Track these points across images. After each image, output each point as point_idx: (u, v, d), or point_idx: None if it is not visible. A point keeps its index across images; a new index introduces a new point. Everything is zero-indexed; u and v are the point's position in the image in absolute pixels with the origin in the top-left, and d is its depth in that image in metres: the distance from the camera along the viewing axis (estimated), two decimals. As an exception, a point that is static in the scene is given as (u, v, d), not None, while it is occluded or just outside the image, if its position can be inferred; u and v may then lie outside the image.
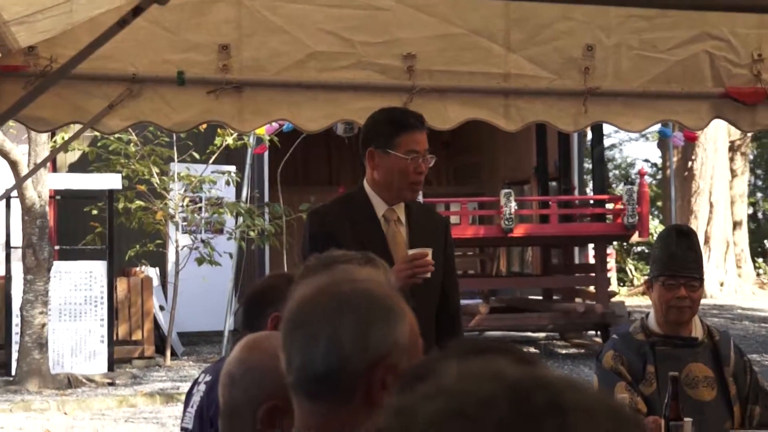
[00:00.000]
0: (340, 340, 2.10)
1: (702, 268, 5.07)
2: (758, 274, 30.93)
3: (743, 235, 29.78)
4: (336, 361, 2.10)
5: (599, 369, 4.95)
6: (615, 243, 20.50)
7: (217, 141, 16.28)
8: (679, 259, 4.94)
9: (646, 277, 5.25)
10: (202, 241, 16.65)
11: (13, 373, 14.50)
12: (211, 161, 16.86)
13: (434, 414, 1.00)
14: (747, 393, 4.87)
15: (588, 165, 22.33)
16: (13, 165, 13.06)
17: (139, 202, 16.29)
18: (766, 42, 5.64)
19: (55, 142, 13.08)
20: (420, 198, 15.55)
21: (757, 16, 5.60)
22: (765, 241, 37.03)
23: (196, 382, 3.92)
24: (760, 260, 32.96)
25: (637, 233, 18.12)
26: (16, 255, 14.75)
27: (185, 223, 16.91)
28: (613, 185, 24.65)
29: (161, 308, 16.99)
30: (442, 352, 1.37)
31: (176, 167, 16.65)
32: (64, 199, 16.39)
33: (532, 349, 16.38)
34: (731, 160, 28.53)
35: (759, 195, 42.21)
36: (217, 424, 3.01)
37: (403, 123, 4.80)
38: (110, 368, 15.20)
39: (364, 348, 2.10)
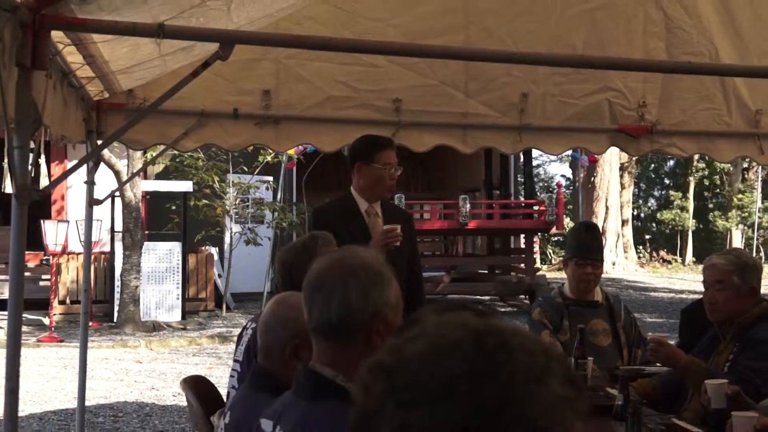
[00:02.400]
0: (348, 299, 2.14)
1: (602, 252, 5.10)
2: (639, 257, 31.03)
3: (629, 229, 29.90)
4: (345, 314, 2.14)
5: (530, 321, 4.96)
6: (539, 233, 20.46)
7: (260, 158, 16.32)
8: (586, 247, 4.95)
9: (563, 258, 5.25)
10: (249, 229, 16.71)
11: (115, 320, 14.59)
12: (255, 172, 16.91)
13: (417, 351, 1.01)
14: (632, 340, 4.88)
15: (521, 179, 22.33)
16: (116, 173, 13.14)
17: (204, 201, 16.37)
18: (648, 92, 5.64)
19: (146, 157, 13.06)
20: (402, 201, 15.69)
21: (642, 74, 5.59)
22: (645, 234, 37.17)
23: (244, 328, 3.90)
24: (640, 247, 33.06)
25: (555, 227, 18.31)
26: (118, 237, 14.89)
27: (237, 216, 16.94)
28: (538, 193, 24.70)
29: (219, 276, 17.02)
30: (426, 309, 1.37)
31: (231, 177, 16.68)
32: (152, 198, 16.39)
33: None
34: (621, 176, 28.62)
35: (640, 201, 42.33)
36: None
37: (380, 144, 4.83)
38: (183, 317, 15.28)
39: (365, 305, 2.13)
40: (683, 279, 25.63)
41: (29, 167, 3.05)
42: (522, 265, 18.49)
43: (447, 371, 0.98)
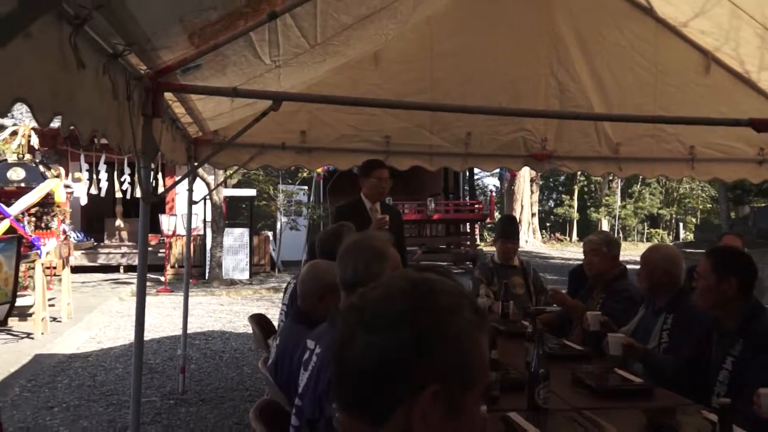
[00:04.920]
0: (356, 269, 2.17)
1: (518, 234, 5.13)
2: (542, 237, 31.04)
3: (536, 219, 29.89)
4: (354, 277, 2.16)
5: (473, 278, 4.98)
6: (478, 222, 20.46)
7: (300, 174, 16.30)
8: (508, 231, 4.96)
9: (493, 238, 5.27)
10: (292, 220, 16.67)
11: (206, 278, 14.52)
12: (296, 183, 16.89)
13: (377, 295, 1.02)
14: (538, 290, 4.89)
15: (467, 187, 22.32)
16: (207, 184, 13.02)
17: (264, 202, 16.37)
18: (548, 131, 5.63)
19: (226, 173, 13.03)
20: (391, 202, 15.65)
21: (543, 119, 5.60)
22: (546, 222, 37.20)
23: (288, 283, 3.90)
24: (543, 231, 33.06)
25: (488, 218, 18.34)
26: (208, 225, 14.80)
27: (284, 212, 16.91)
28: (478, 196, 24.74)
29: (273, 249, 16.96)
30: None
31: (281, 186, 16.67)
32: (230, 200, 16.28)
33: (441, 270, 16.40)
34: (531, 185, 28.56)
35: (543, 201, 42.20)
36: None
37: (373, 165, 4.84)
38: (250, 276, 15.18)
39: (368, 272, 2.15)
40: (570, 251, 25.65)
41: (151, 180, 3.05)
42: (467, 242, 18.50)
43: (396, 308, 0.99)
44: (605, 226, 32.46)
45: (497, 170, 19.76)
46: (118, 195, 14.18)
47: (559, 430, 2.22)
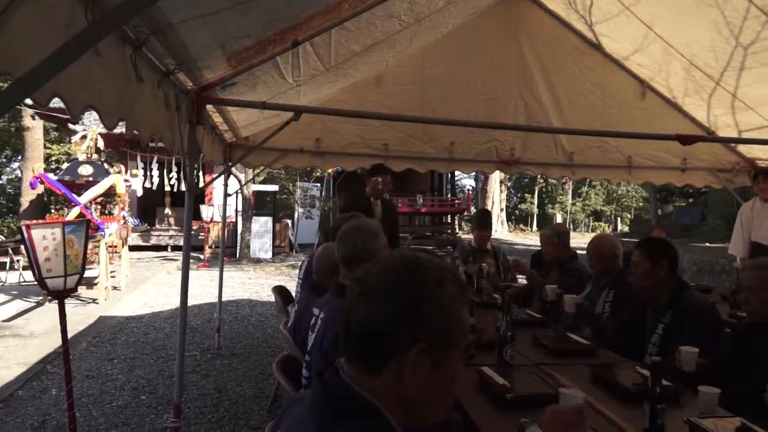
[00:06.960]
0: (356, 246, 2.13)
1: (491, 224, 5.09)
2: (509, 227, 31.00)
3: (504, 213, 29.87)
4: (354, 253, 2.13)
5: (453, 259, 4.94)
6: (458, 214, 20.41)
7: (314, 173, 16.21)
8: (483, 221, 4.95)
9: (471, 226, 5.26)
10: (307, 210, 16.58)
11: (237, 257, 14.43)
12: (311, 181, 16.81)
13: (376, 270, 1.01)
14: (506, 269, 4.89)
15: (449, 186, 22.27)
16: (239, 180, 12.91)
17: (284, 195, 16.26)
18: (516, 141, 5.61)
19: (254, 172, 12.95)
20: (388, 197, 15.62)
21: (512, 131, 5.58)
22: (512, 216, 37.17)
23: (303, 261, 3.88)
24: (510, 222, 33.04)
25: (466, 211, 18.27)
26: (239, 214, 14.67)
27: (301, 203, 16.83)
28: (458, 194, 24.64)
29: (291, 234, 16.90)
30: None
31: (298, 183, 16.58)
32: (257, 194, 16.17)
33: (427, 252, 16.33)
34: (501, 185, 28.52)
35: (510, 198, 42.08)
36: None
37: (376, 169, 4.83)
38: (273, 256, 15.09)
39: (365, 249, 2.12)
40: (531, 239, 25.66)
41: (194, 176, 3.03)
42: (449, 230, 18.45)
43: (391, 281, 0.99)
44: (559, 219, 32.51)
45: (474, 173, 19.71)
46: (167, 188, 14.13)
47: (522, 381, 2.22)
